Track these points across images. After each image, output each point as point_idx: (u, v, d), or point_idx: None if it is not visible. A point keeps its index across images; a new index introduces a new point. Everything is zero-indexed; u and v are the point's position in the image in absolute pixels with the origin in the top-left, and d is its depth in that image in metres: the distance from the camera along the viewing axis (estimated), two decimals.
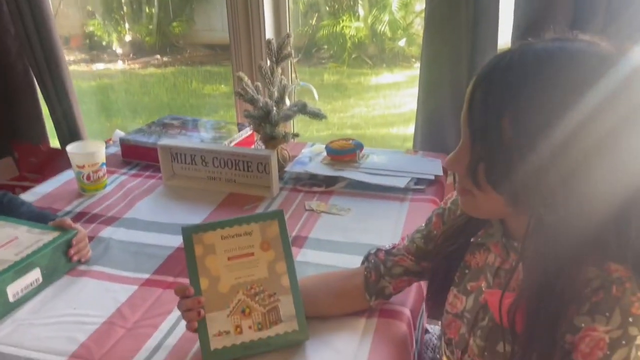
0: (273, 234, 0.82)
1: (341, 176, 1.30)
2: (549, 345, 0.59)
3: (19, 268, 0.90)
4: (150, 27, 6.18)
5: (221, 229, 0.81)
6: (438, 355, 0.99)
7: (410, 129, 1.56)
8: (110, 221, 1.18)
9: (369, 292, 0.86)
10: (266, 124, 1.33)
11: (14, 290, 0.89)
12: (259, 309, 0.78)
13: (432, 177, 1.30)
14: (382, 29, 5.05)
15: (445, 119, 1.43)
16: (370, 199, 1.25)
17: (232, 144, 1.47)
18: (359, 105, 4.35)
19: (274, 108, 1.32)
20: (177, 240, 1.10)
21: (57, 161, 1.90)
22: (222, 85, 5.26)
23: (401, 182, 1.25)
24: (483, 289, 0.72)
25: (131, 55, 5.82)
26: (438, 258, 0.80)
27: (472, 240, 0.75)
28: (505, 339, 0.65)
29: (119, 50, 6.00)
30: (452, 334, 0.77)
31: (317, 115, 1.29)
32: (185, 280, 0.95)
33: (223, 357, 0.75)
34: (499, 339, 0.67)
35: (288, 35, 1.32)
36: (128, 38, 5.79)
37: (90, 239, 1.10)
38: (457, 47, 1.34)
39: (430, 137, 1.48)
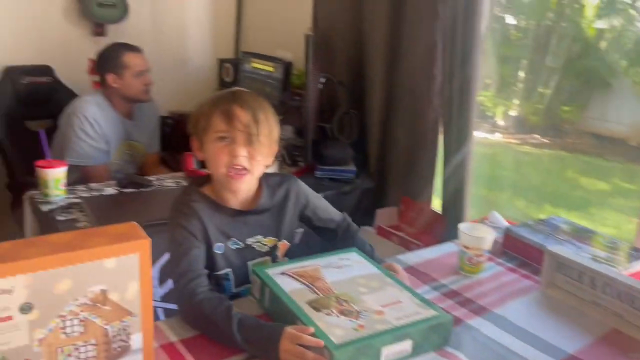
0: None
1: None
2: None
3: (398, 334, 0.98)
4: (539, 106, 6.17)
5: None
6: None
7: None
8: (479, 311, 1.19)
9: None
10: None
11: (387, 351, 0.98)
12: None
13: None
14: None
15: None
16: None
17: (626, 271, 1.29)
18: None
19: None
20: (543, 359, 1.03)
21: (433, 224, 2.06)
22: (601, 182, 4.82)
23: None
24: None
25: (510, 129, 5.91)
26: None
27: None
28: None
29: (501, 122, 6.16)
30: None
31: None
32: None
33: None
34: None
35: None
36: (513, 113, 5.91)
37: (459, 321, 1.13)
38: None
39: None
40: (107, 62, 2.14)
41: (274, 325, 1.01)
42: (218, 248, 1.19)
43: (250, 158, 1.14)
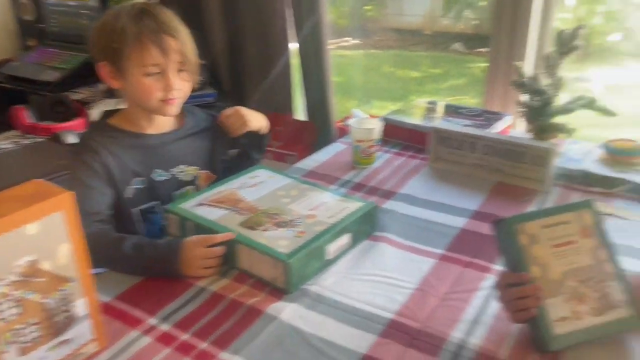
0: (589, 222, 0.83)
1: (624, 179, 1.23)
2: None
3: (336, 231, 1.00)
4: (345, 9, 6.41)
5: (540, 219, 0.82)
6: None
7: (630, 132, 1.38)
8: (388, 195, 1.26)
9: None
10: (542, 116, 1.30)
11: (331, 249, 1.00)
12: (592, 295, 0.79)
13: None
14: (593, 21, 4.65)
15: None
16: None
17: (494, 132, 1.47)
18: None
19: (553, 100, 1.29)
20: (459, 222, 1.14)
21: (303, 133, 2.07)
22: (413, 71, 5.29)
23: None
24: None
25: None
26: None
27: None
28: None
29: None
30: None
31: (607, 112, 1.23)
32: (484, 263, 1.00)
33: (568, 342, 0.77)
34: None
35: (581, 26, 1.27)
36: None
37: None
38: None
39: None
40: None
41: (170, 239, 1.01)
42: (138, 183, 1.11)
43: (182, 85, 1.09)
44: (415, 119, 1.55)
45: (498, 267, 0.97)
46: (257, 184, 1.15)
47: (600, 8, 4.94)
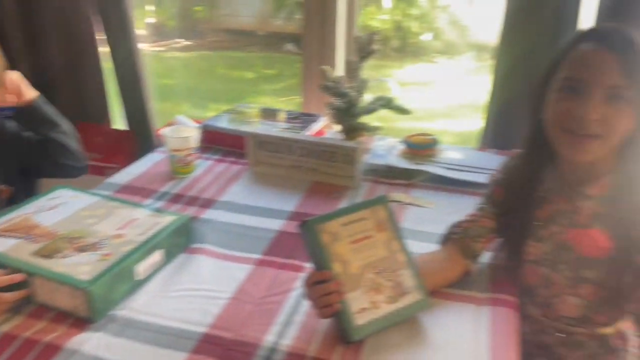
0: (383, 217, 0.91)
1: (422, 170, 1.37)
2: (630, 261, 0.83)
3: (146, 249, 0.96)
4: (173, 9, 6.21)
5: (339, 218, 0.88)
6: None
7: (439, 124, 1.60)
8: (208, 203, 1.25)
9: (467, 256, 0.96)
10: (348, 116, 1.39)
11: (141, 268, 0.95)
12: (387, 284, 0.86)
13: None
14: (407, 23, 5.10)
15: (518, 114, 1.48)
16: (450, 193, 1.31)
17: (309, 134, 1.53)
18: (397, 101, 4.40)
19: (357, 102, 1.38)
20: (277, 224, 1.17)
21: (123, 143, 1.96)
22: (248, 72, 5.31)
23: (481, 178, 1.31)
24: (560, 231, 0.91)
25: (152, 37, 5.84)
26: (510, 215, 0.96)
27: (535, 195, 0.92)
28: (591, 265, 0.87)
29: (142, 32, 6.02)
30: (532, 280, 0.95)
31: (402, 110, 1.35)
32: (298, 263, 1.03)
33: (368, 331, 0.82)
34: (584, 267, 0.88)
35: (375, 33, 1.37)
36: (151, 20, 5.82)
37: (194, 219, 1.17)
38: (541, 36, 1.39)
39: (501, 133, 1.53)
40: None
41: None
42: None
43: None
44: (237, 124, 1.55)
45: (309, 265, 1.01)
46: (57, 206, 1.06)
47: (414, 10, 5.42)
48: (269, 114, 1.63)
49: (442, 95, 4.10)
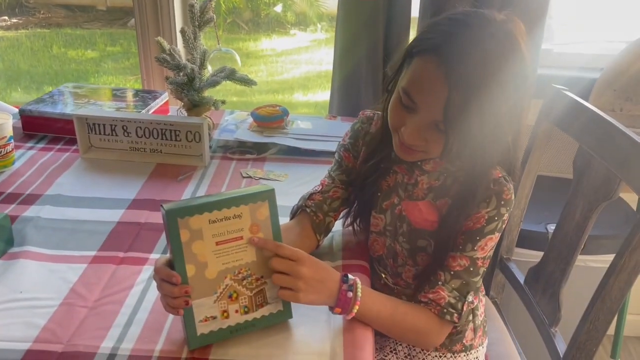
0: (263, 216, 0.78)
1: (272, 142, 1.32)
2: (455, 230, 0.84)
3: None
4: None
5: (209, 213, 0.74)
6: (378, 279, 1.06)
7: (296, 96, 1.61)
8: (31, 199, 1.09)
9: (318, 231, 0.94)
10: (190, 90, 1.29)
11: None
12: (245, 293, 0.77)
13: None
14: None
15: (361, 82, 1.50)
16: (303, 163, 1.29)
17: (150, 112, 1.40)
18: (241, 72, 4.30)
19: (199, 74, 1.29)
20: (115, 215, 1.05)
21: None
22: (89, 51, 4.85)
23: (332, 147, 1.30)
24: (398, 203, 0.91)
25: None
26: (359, 184, 0.95)
27: (382, 166, 0.92)
28: (423, 236, 0.89)
29: None
30: (380, 250, 0.96)
31: (246, 82, 1.28)
32: (140, 255, 0.94)
33: (209, 341, 0.75)
34: (418, 238, 0.89)
35: (210, 0, 1.28)
36: None
37: (13, 219, 1.01)
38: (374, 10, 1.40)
39: (346, 100, 1.55)
40: None
41: None
42: None
43: None
44: (62, 106, 1.37)
45: (156, 255, 0.93)
46: None
47: None
48: (97, 92, 1.47)
49: (297, 67, 4.10)
